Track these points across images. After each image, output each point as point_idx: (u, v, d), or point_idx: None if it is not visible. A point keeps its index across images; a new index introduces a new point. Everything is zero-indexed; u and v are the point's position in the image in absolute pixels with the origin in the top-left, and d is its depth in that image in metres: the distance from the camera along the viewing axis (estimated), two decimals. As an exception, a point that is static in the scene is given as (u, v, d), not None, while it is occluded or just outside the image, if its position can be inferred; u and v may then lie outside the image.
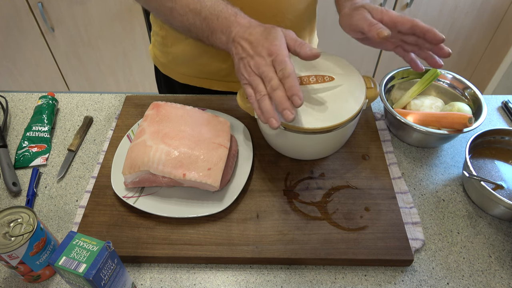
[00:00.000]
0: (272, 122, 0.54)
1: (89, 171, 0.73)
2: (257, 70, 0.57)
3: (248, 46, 0.58)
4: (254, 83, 0.57)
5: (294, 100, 0.54)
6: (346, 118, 0.61)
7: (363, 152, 0.73)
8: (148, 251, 0.60)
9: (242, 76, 0.59)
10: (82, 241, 0.50)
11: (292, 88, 0.54)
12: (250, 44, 0.58)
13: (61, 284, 0.59)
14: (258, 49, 0.57)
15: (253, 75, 0.58)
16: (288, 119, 0.53)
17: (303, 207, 0.65)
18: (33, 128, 0.78)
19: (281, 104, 0.54)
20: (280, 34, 0.58)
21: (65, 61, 1.98)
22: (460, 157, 0.76)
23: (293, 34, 0.60)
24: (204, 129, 0.67)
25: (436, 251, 0.62)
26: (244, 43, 0.59)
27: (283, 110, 0.53)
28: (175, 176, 0.61)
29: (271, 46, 0.56)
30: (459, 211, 0.67)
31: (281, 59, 0.56)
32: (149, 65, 2.00)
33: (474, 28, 1.85)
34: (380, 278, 0.59)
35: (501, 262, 0.61)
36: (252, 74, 0.58)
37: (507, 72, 1.90)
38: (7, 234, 0.52)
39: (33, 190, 0.69)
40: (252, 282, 0.59)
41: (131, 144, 0.66)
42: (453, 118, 0.71)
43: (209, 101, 0.83)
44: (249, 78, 0.58)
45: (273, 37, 0.57)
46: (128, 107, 0.82)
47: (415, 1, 1.73)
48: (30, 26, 1.82)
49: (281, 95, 0.54)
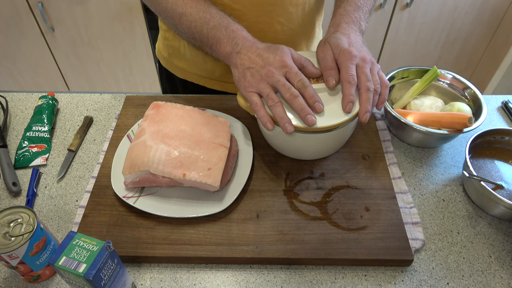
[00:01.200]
0: (288, 127, 0.59)
1: (89, 171, 0.73)
2: (269, 79, 0.60)
3: (257, 58, 0.61)
4: (265, 91, 0.60)
5: (316, 107, 0.59)
6: (346, 118, 0.61)
7: (363, 152, 0.73)
8: (148, 251, 0.60)
9: (248, 84, 0.61)
10: (82, 241, 0.50)
11: (313, 96, 0.59)
12: (259, 56, 0.62)
13: (61, 284, 0.59)
14: (270, 60, 0.61)
15: (264, 84, 0.60)
16: (311, 123, 0.58)
17: (303, 207, 0.65)
18: (33, 128, 0.78)
19: (304, 110, 0.58)
20: (287, 50, 0.63)
21: (65, 61, 1.98)
22: (460, 157, 0.76)
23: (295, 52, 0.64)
24: (204, 129, 0.67)
25: (436, 251, 0.62)
26: (252, 55, 0.62)
27: (307, 115, 0.58)
28: (175, 176, 0.61)
29: (282, 59, 0.61)
30: (459, 211, 0.67)
31: (296, 71, 0.61)
32: (149, 65, 2.00)
33: (474, 28, 1.85)
34: (380, 278, 0.59)
35: (501, 262, 0.61)
36: (263, 82, 0.60)
37: (507, 72, 1.90)
38: (7, 234, 0.52)
39: (33, 190, 0.69)
40: (252, 282, 0.59)
41: (131, 144, 0.66)
42: (453, 118, 0.71)
43: (209, 101, 0.83)
44: (259, 86, 0.61)
45: (282, 52, 0.62)
46: (128, 107, 0.82)
47: (415, 1, 1.73)
48: (30, 26, 1.82)
49: (302, 102, 0.59)
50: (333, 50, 0.63)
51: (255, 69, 0.61)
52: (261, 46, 0.63)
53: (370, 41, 1.90)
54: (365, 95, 0.60)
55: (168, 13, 0.69)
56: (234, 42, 0.64)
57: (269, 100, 0.60)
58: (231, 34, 0.64)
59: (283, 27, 0.78)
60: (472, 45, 1.92)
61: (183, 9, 0.67)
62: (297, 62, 0.62)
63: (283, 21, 0.77)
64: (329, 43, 0.64)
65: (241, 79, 0.62)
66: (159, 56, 0.94)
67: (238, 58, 0.63)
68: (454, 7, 1.76)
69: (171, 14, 0.68)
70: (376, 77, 0.62)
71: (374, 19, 1.81)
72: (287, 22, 0.77)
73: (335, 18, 0.70)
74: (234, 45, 0.64)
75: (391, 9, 1.78)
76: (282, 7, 0.74)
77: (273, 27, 0.76)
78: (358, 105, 0.61)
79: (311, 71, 0.63)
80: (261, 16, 0.75)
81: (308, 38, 0.86)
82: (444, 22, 1.82)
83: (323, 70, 0.63)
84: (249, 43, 0.63)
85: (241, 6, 0.72)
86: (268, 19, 0.75)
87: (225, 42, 0.64)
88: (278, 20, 0.76)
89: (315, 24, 0.86)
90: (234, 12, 0.73)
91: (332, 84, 0.62)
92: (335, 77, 0.62)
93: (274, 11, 0.75)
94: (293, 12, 0.77)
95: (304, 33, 0.83)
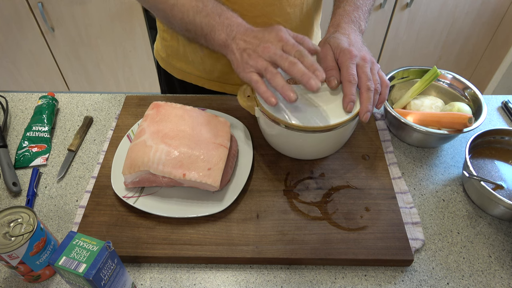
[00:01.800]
0: (290, 96, 0.56)
1: (89, 171, 0.73)
2: (266, 55, 0.58)
3: (253, 39, 0.60)
4: (263, 66, 0.58)
5: (317, 75, 0.55)
6: (347, 117, 0.61)
7: (363, 152, 0.73)
8: (148, 251, 0.60)
9: (246, 65, 0.59)
10: (82, 241, 0.50)
11: (313, 64, 0.56)
12: (255, 38, 0.60)
13: (61, 284, 0.59)
14: (265, 38, 0.59)
15: (261, 60, 0.58)
16: (316, 86, 0.54)
17: (303, 207, 0.65)
18: (33, 128, 0.78)
19: (306, 75, 0.55)
20: (283, 28, 0.61)
21: (65, 61, 1.98)
22: (460, 157, 0.76)
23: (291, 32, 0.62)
24: (204, 129, 0.67)
25: (436, 251, 0.62)
26: (247, 37, 0.60)
27: (309, 79, 0.54)
28: (175, 176, 0.61)
29: (278, 34, 0.59)
30: (459, 211, 0.67)
31: (293, 43, 0.58)
32: (149, 65, 2.00)
33: (474, 28, 1.85)
34: (380, 278, 0.59)
35: (501, 262, 0.61)
36: (260, 59, 0.58)
37: (507, 72, 1.90)
38: (7, 234, 0.52)
39: (33, 190, 0.69)
40: (252, 282, 0.59)
41: (131, 144, 0.66)
42: (453, 118, 0.71)
43: (209, 101, 0.83)
44: (257, 64, 0.58)
45: (277, 29, 0.60)
46: (128, 107, 0.82)
47: (415, 1, 1.73)
48: (30, 26, 1.82)
49: (303, 67, 0.56)
50: (334, 50, 0.63)
51: (251, 49, 0.59)
52: (256, 29, 0.62)
53: (370, 41, 1.90)
54: (365, 94, 0.60)
55: (159, 6, 0.68)
56: (229, 29, 0.62)
57: (268, 73, 0.57)
58: (225, 21, 0.63)
59: None
60: (472, 45, 1.92)
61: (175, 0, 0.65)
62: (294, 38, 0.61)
63: (281, 21, 0.77)
64: (329, 43, 0.64)
65: (240, 63, 0.61)
66: (158, 57, 0.94)
67: (233, 43, 0.61)
68: (454, 7, 1.76)
69: (163, 6, 0.67)
70: (376, 77, 0.62)
71: (374, 19, 1.81)
72: (285, 23, 0.77)
73: (335, 18, 0.70)
74: (229, 31, 0.62)
75: (391, 9, 1.78)
76: (280, 7, 0.74)
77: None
78: (359, 105, 0.61)
79: (308, 47, 0.60)
80: (259, 17, 0.74)
81: None
82: (444, 22, 1.82)
83: (324, 70, 0.63)
84: (244, 28, 0.62)
85: (238, 7, 0.72)
86: (266, 20, 0.75)
87: (219, 30, 0.63)
88: (276, 20, 0.76)
89: (313, 24, 0.86)
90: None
91: (334, 84, 0.62)
92: (337, 77, 0.62)
93: (272, 12, 0.75)
94: (291, 13, 0.76)
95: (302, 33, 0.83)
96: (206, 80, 0.89)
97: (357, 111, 0.61)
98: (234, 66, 0.62)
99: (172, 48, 0.87)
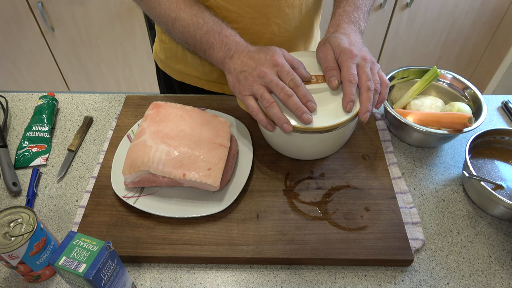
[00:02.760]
0: (286, 127, 0.59)
1: (89, 171, 0.73)
2: (261, 80, 0.60)
3: (249, 60, 0.61)
4: (258, 92, 0.60)
5: (309, 106, 0.59)
6: (347, 118, 0.61)
7: (363, 152, 0.73)
8: (148, 251, 0.60)
9: (242, 88, 0.62)
10: (82, 241, 0.50)
11: (306, 95, 0.60)
12: (251, 59, 0.61)
13: (61, 284, 0.59)
14: (261, 61, 0.61)
15: (257, 85, 0.60)
16: (307, 122, 0.59)
17: (303, 207, 0.65)
18: (33, 128, 0.78)
19: (300, 109, 0.59)
20: (278, 50, 0.62)
21: (65, 61, 1.98)
22: (460, 157, 0.76)
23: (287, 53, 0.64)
24: (204, 129, 0.67)
25: (436, 251, 0.62)
26: (244, 58, 0.62)
27: (303, 114, 0.58)
28: (175, 176, 0.61)
29: (273, 58, 0.60)
30: (459, 211, 0.67)
31: (288, 70, 0.60)
32: (149, 65, 2.00)
33: (474, 28, 1.85)
34: (380, 278, 0.59)
35: (501, 262, 0.61)
36: (256, 84, 0.60)
37: (507, 72, 1.90)
38: (7, 234, 0.52)
39: (33, 190, 0.69)
40: (252, 282, 0.59)
41: (131, 144, 0.66)
42: (453, 118, 0.71)
43: (209, 101, 0.83)
44: (253, 88, 0.60)
45: (272, 52, 0.61)
46: (128, 107, 0.82)
47: (415, 1, 1.73)
48: (30, 26, 1.82)
49: (297, 101, 0.59)
50: (334, 49, 0.63)
51: (248, 72, 0.61)
52: (252, 49, 0.63)
53: (370, 41, 1.90)
54: (365, 94, 0.60)
55: (162, 19, 0.69)
56: (227, 48, 0.64)
57: (264, 101, 0.60)
58: (224, 40, 0.64)
59: (280, 29, 0.77)
60: (472, 45, 1.92)
61: (177, 14, 0.67)
62: (288, 63, 0.62)
63: (280, 22, 0.77)
64: (329, 43, 0.64)
65: (236, 83, 0.63)
66: (156, 58, 0.94)
67: (231, 62, 0.63)
68: (454, 7, 1.76)
69: (165, 19, 0.68)
70: (376, 77, 0.62)
71: (374, 19, 1.81)
72: (284, 24, 0.77)
73: (335, 18, 0.70)
74: (227, 50, 0.64)
75: (391, 9, 1.78)
76: (278, 8, 0.74)
77: (270, 28, 0.76)
78: (358, 105, 0.61)
79: (301, 74, 0.62)
80: (257, 18, 0.75)
81: (306, 40, 0.86)
82: (444, 22, 1.82)
83: (325, 70, 0.63)
84: (241, 47, 0.63)
85: (237, 8, 0.72)
86: (264, 21, 0.75)
87: (218, 48, 0.65)
88: (275, 21, 0.76)
89: (313, 25, 0.86)
90: (231, 13, 0.73)
91: (334, 84, 0.62)
92: (338, 77, 0.62)
93: (271, 13, 0.75)
94: (289, 14, 0.76)
95: (301, 34, 0.83)
96: (205, 81, 0.89)
97: (357, 111, 0.61)
98: (230, 86, 0.64)
99: (171, 50, 0.87)
